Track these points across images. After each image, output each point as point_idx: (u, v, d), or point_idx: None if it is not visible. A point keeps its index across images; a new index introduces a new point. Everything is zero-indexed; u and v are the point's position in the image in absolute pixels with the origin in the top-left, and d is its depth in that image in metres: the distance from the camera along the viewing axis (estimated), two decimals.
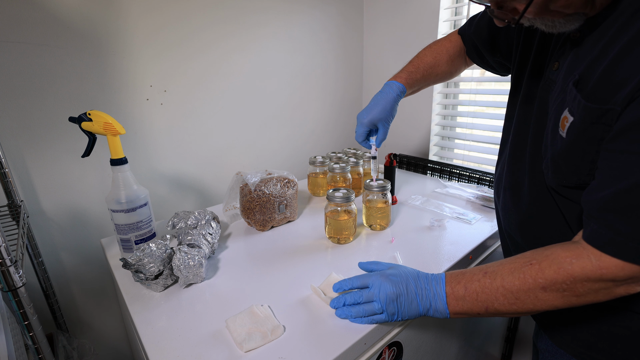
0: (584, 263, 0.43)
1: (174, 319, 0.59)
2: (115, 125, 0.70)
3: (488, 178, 1.14)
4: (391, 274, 0.58)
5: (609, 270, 0.41)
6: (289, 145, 1.38)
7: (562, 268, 0.44)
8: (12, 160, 0.81)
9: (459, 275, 0.54)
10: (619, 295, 0.44)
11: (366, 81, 1.58)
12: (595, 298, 0.44)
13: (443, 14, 1.23)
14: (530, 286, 0.46)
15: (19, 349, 0.59)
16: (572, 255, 0.44)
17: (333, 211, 0.82)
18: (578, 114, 0.44)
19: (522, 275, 0.47)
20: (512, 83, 0.68)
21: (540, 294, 0.46)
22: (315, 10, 1.31)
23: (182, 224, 0.77)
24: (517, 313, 0.50)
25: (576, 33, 0.48)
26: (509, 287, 0.48)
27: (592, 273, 0.43)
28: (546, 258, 0.46)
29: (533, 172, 0.57)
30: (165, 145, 1.05)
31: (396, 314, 0.55)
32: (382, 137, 0.77)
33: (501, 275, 0.49)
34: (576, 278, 0.43)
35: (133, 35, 0.92)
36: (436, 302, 0.54)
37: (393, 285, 0.56)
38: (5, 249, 0.51)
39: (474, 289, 0.51)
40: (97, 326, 1.03)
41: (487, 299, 0.50)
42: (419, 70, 0.79)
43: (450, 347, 0.85)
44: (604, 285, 0.43)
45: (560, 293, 0.45)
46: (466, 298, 0.52)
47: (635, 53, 0.38)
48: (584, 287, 0.44)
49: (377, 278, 0.57)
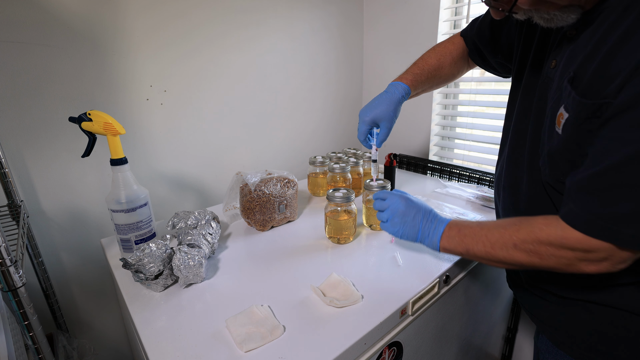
0: (552, 230, 0.48)
1: (174, 319, 0.59)
2: (115, 125, 0.70)
3: (488, 178, 1.14)
4: (409, 198, 0.68)
5: (569, 240, 0.46)
6: (289, 145, 1.38)
7: (533, 232, 0.50)
8: (12, 160, 0.81)
9: (460, 221, 0.62)
10: (579, 270, 0.48)
11: (366, 81, 1.58)
12: (557, 264, 0.49)
13: (443, 14, 1.23)
14: (505, 241, 0.53)
15: (19, 349, 0.59)
16: (546, 223, 0.49)
17: (333, 211, 0.82)
18: (573, 110, 0.45)
19: (503, 231, 0.54)
20: (513, 82, 0.68)
21: (511, 250, 0.52)
22: (315, 11, 1.31)
23: (182, 224, 0.77)
24: (489, 261, 0.57)
25: (572, 31, 0.49)
26: (489, 237, 0.55)
27: (555, 240, 0.47)
28: (526, 221, 0.52)
29: (531, 169, 0.58)
30: (165, 145, 1.05)
31: (397, 228, 0.65)
32: (383, 138, 0.76)
33: (488, 228, 0.56)
34: (542, 241, 0.49)
35: (133, 35, 0.92)
36: (432, 235, 0.62)
37: (406, 206, 0.65)
38: (5, 249, 0.51)
39: (464, 233, 0.59)
40: (97, 326, 1.03)
41: (470, 242, 0.57)
42: (424, 72, 0.78)
43: (450, 347, 0.85)
44: (565, 253, 0.47)
45: (526, 253, 0.51)
46: (455, 238, 0.60)
47: (625, 49, 0.40)
48: (547, 250, 0.49)
49: (396, 197, 0.68)
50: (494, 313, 1.06)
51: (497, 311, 1.07)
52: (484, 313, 0.99)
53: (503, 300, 1.08)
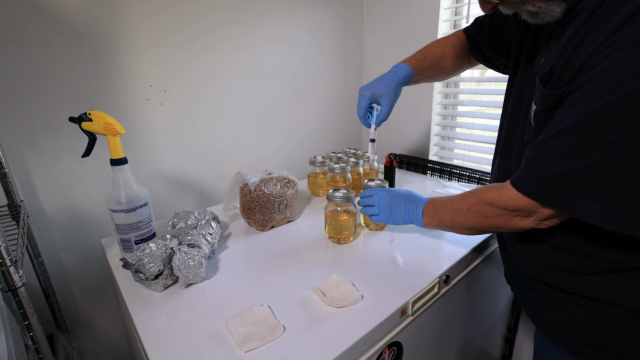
0: (493, 192, 0.56)
1: (174, 319, 0.59)
2: (115, 125, 0.70)
3: (488, 178, 1.14)
4: (391, 189, 0.78)
5: (503, 199, 0.53)
6: (289, 145, 1.38)
7: (480, 195, 0.59)
8: (12, 160, 0.81)
9: (436, 199, 0.70)
10: (517, 226, 0.55)
11: (366, 81, 1.58)
12: (498, 222, 0.57)
13: (443, 14, 1.23)
14: (463, 207, 0.62)
15: (19, 349, 0.59)
16: (492, 187, 0.57)
17: (333, 211, 0.82)
18: (539, 100, 0.51)
19: (463, 200, 0.63)
20: (509, 80, 0.70)
21: (466, 213, 0.61)
22: (315, 12, 1.31)
23: (182, 224, 0.77)
24: (455, 227, 0.66)
25: (558, 29, 0.52)
26: (454, 206, 0.64)
27: (494, 199, 0.56)
28: (478, 189, 0.61)
29: (519, 162, 0.59)
30: (165, 145, 1.05)
31: (389, 216, 0.75)
32: (383, 117, 0.76)
33: (453, 199, 0.66)
34: (484, 202, 0.58)
35: (133, 35, 0.92)
36: (416, 214, 0.72)
37: (391, 196, 0.76)
38: (5, 249, 0.51)
39: (437, 207, 0.68)
40: (97, 326, 1.03)
41: (441, 213, 0.67)
42: (427, 59, 0.80)
43: (450, 347, 0.85)
44: (502, 212, 0.55)
45: (476, 214, 0.60)
46: (431, 213, 0.69)
47: (587, 44, 0.44)
48: (489, 210, 0.57)
49: (381, 191, 0.78)
50: (494, 313, 1.06)
51: (497, 311, 1.07)
52: (484, 313, 0.99)
53: (503, 300, 1.08)
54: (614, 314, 0.52)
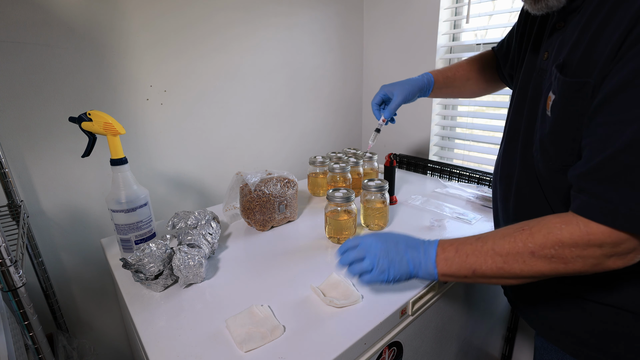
0: (573, 229, 0.43)
1: (174, 319, 0.59)
2: (115, 125, 0.70)
3: (488, 178, 1.14)
4: (382, 233, 0.60)
5: (596, 236, 0.42)
6: (288, 145, 1.38)
7: (551, 233, 0.44)
8: (12, 160, 0.81)
9: (453, 240, 0.55)
10: (606, 268, 0.44)
11: (366, 81, 1.58)
12: (583, 266, 0.44)
13: (443, 14, 1.23)
14: (519, 250, 0.46)
15: (19, 349, 0.59)
16: (562, 222, 0.44)
17: (333, 211, 0.82)
18: (558, 90, 0.47)
19: (512, 239, 0.47)
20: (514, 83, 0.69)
21: (528, 259, 0.46)
22: (315, 12, 1.31)
23: (182, 224, 0.77)
24: (503, 278, 0.49)
25: (560, 22, 0.51)
26: (498, 250, 0.48)
27: (579, 238, 0.43)
28: (537, 224, 0.47)
29: (524, 158, 0.59)
30: (165, 145, 1.05)
31: (386, 271, 0.55)
32: (391, 106, 0.79)
33: (493, 239, 0.49)
34: (564, 243, 0.43)
35: (133, 35, 0.92)
36: (426, 261, 0.54)
37: (382, 242, 0.57)
38: (5, 249, 0.51)
39: (464, 251, 0.51)
40: (97, 326, 1.03)
41: (476, 261, 0.50)
42: (451, 70, 0.85)
43: (450, 347, 0.85)
44: (592, 252, 0.43)
45: (548, 259, 0.45)
46: (455, 259, 0.52)
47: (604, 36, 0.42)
48: (572, 253, 0.44)
49: (369, 237, 0.60)
50: (494, 313, 1.06)
51: (497, 311, 1.07)
52: (484, 313, 0.98)
53: (503, 300, 1.08)
54: (614, 315, 0.52)
